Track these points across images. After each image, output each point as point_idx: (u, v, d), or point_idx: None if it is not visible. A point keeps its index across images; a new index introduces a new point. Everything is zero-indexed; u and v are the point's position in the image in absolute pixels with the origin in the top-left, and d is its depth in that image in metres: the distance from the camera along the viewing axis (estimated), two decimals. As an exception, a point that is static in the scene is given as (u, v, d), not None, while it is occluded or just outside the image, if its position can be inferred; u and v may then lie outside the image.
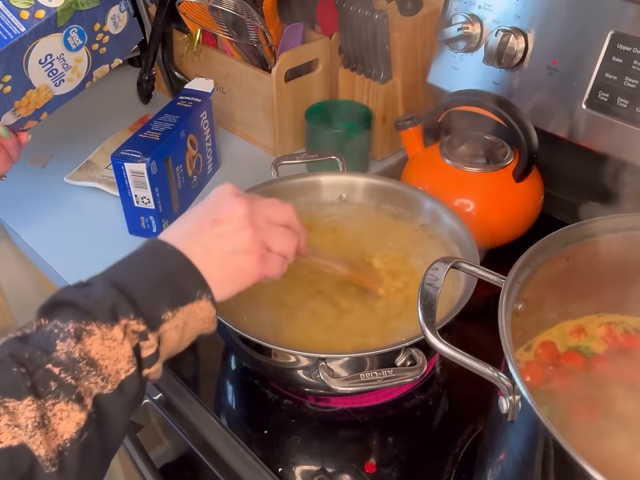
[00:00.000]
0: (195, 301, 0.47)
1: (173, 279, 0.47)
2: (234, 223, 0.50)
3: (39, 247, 0.90)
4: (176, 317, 0.46)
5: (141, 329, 0.44)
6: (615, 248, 0.54)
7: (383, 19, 0.89)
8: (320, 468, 0.62)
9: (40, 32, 0.68)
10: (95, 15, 0.71)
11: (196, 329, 0.49)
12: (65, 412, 0.40)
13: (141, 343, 0.44)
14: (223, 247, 0.49)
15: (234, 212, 0.50)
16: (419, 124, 0.87)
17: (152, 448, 0.78)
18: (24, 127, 0.75)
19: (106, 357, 0.42)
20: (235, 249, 0.50)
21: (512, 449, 0.45)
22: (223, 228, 0.50)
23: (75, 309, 0.43)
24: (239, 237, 0.50)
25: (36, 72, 0.71)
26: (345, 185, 0.80)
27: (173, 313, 0.46)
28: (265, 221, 0.52)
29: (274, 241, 0.52)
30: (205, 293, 0.48)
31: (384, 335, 0.64)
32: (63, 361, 0.41)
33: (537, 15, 0.81)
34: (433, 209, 0.75)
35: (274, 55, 0.99)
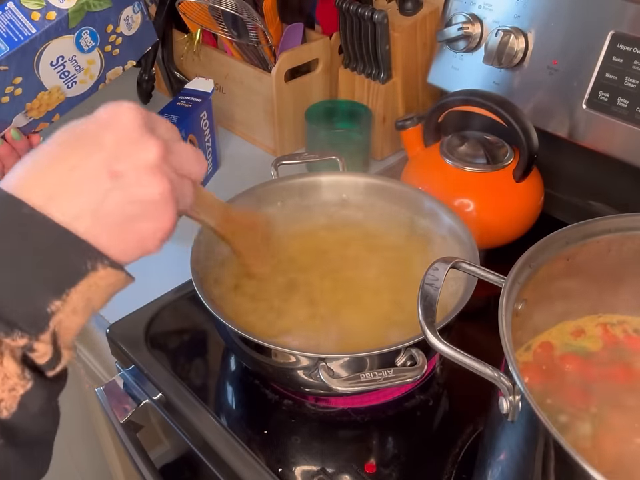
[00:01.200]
0: (88, 274, 0.37)
1: (47, 258, 0.36)
2: (141, 172, 0.38)
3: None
4: (70, 300, 0.37)
5: (22, 342, 0.35)
6: (615, 248, 0.54)
7: (383, 19, 0.89)
8: (320, 468, 0.62)
9: (51, 34, 0.67)
10: (108, 16, 0.71)
11: (107, 296, 0.39)
12: None
13: (30, 354, 0.36)
14: (123, 209, 0.38)
15: (144, 159, 0.38)
16: (419, 124, 0.87)
17: (152, 448, 0.78)
18: (36, 128, 0.75)
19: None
20: (142, 210, 0.38)
21: (512, 449, 0.45)
22: (129, 183, 0.37)
23: None
24: (148, 193, 0.38)
25: (47, 74, 0.70)
26: (345, 184, 0.80)
27: (61, 299, 0.36)
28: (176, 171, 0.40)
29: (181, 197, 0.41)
30: (98, 260, 0.37)
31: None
32: None
33: (537, 15, 0.81)
34: (433, 209, 0.75)
35: (274, 55, 0.99)
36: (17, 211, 0.35)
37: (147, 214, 0.39)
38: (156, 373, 0.71)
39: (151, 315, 0.76)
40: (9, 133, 0.72)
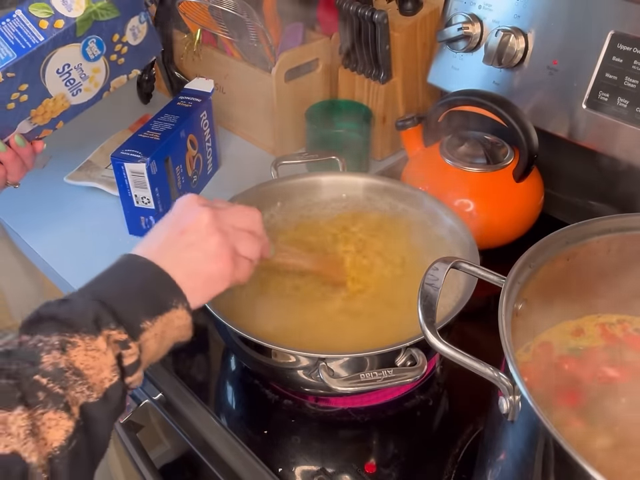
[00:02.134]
0: (171, 309, 0.49)
1: (150, 289, 0.49)
2: (201, 231, 0.52)
3: (38, 247, 0.90)
4: (155, 326, 0.48)
5: (123, 338, 0.46)
6: (615, 248, 0.54)
7: (382, 19, 0.89)
8: (320, 468, 0.62)
9: (58, 42, 0.68)
10: (115, 25, 0.71)
11: (173, 337, 0.51)
12: (54, 420, 0.41)
13: (123, 351, 0.46)
14: (193, 256, 0.52)
15: (200, 221, 0.52)
16: (419, 124, 0.87)
17: (152, 448, 0.78)
18: (39, 135, 0.75)
19: (90, 366, 0.44)
20: (205, 256, 0.52)
21: (512, 449, 0.45)
22: (191, 237, 0.52)
23: (58, 322, 0.45)
24: (208, 244, 0.52)
25: (53, 81, 0.70)
26: (345, 184, 0.80)
27: (151, 322, 0.48)
28: (230, 226, 0.54)
29: (240, 244, 0.54)
30: (180, 301, 0.50)
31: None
32: (50, 371, 0.42)
33: (537, 15, 0.81)
34: (433, 209, 0.75)
35: (274, 55, 0.99)
36: (141, 261, 0.51)
37: (209, 259, 0.52)
38: (156, 373, 0.71)
39: (151, 315, 0.76)
40: (13, 139, 0.72)
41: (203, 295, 0.52)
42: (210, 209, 0.53)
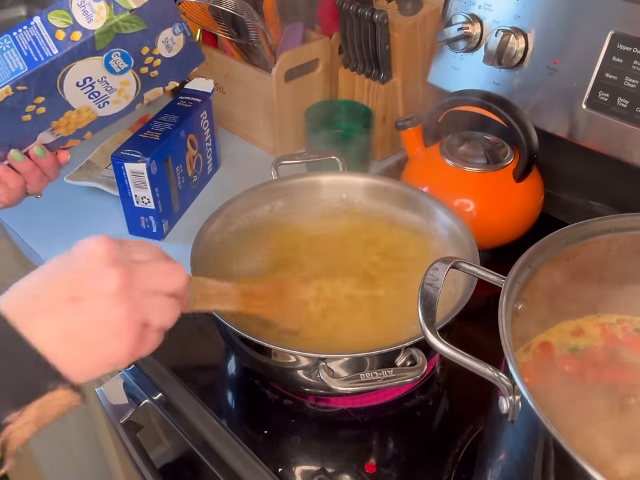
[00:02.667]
0: (47, 393, 0.40)
1: (16, 373, 0.40)
2: (102, 301, 0.41)
3: (38, 247, 0.90)
4: (24, 415, 0.40)
5: None
6: (615, 248, 0.54)
7: (383, 18, 0.89)
8: (320, 468, 0.62)
9: (75, 55, 0.65)
10: (142, 38, 0.67)
11: (56, 415, 0.42)
12: None
13: None
14: (84, 330, 0.41)
15: (105, 289, 0.42)
16: (418, 124, 0.87)
17: (152, 448, 0.78)
18: (65, 145, 0.73)
19: None
20: (103, 332, 0.42)
21: (512, 449, 0.45)
22: (88, 307, 0.41)
23: None
24: (109, 317, 0.42)
25: (74, 94, 0.68)
26: (345, 184, 0.80)
27: (18, 412, 0.40)
28: (144, 292, 0.43)
29: (153, 315, 0.44)
30: (59, 383, 0.41)
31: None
32: None
33: (537, 15, 0.81)
34: (433, 209, 0.75)
35: (274, 55, 0.99)
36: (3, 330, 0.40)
37: (107, 337, 0.42)
38: (156, 373, 0.71)
39: (151, 315, 0.76)
40: (32, 150, 0.70)
41: (90, 374, 0.43)
42: (121, 273, 0.42)
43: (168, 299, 0.45)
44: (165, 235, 0.90)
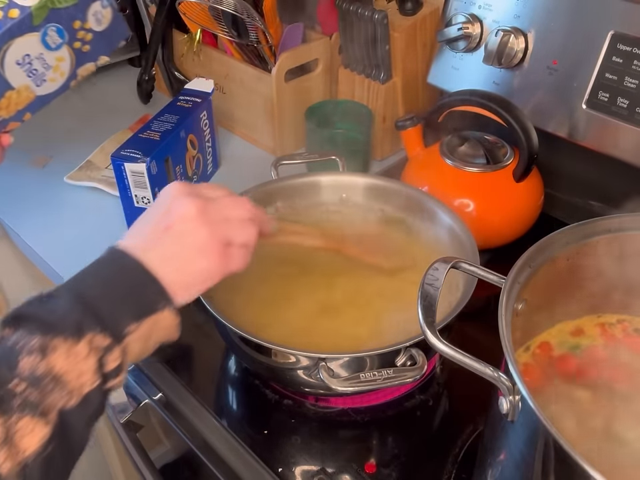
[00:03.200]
0: (157, 311, 0.48)
1: (137, 291, 0.48)
2: (187, 224, 0.50)
3: (38, 247, 0.90)
4: (140, 329, 0.47)
5: (106, 343, 0.45)
6: (615, 248, 0.54)
7: (382, 18, 0.89)
8: (320, 468, 0.62)
9: (14, 32, 0.66)
10: (74, 12, 0.69)
11: (159, 338, 0.50)
12: (29, 427, 0.40)
13: (106, 356, 0.45)
14: (180, 253, 0.50)
15: (186, 213, 0.50)
16: (418, 124, 0.87)
17: (152, 448, 0.77)
18: (5, 128, 0.72)
19: (70, 371, 0.42)
20: (193, 252, 0.50)
21: (512, 449, 0.45)
22: (178, 232, 0.50)
23: (40, 324, 0.43)
24: (195, 239, 0.50)
25: (14, 73, 0.68)
26: (345, 184, 0.80)
27: (137, 325, 0.47)
28: (220, 215, 0.52)
29: (232, 233, 0.52)
30: (167, 303, 0.48)
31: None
32: (27, 377, 0.41)
33: (537, 15, 0.81)
34: (433, 209, 0.75)
35: (274, 55, 0.99)
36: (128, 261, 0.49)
37: (197, 255, 0.50)
38: (156, 373, 0.71)
39: (151, 315, 0.76)
40: None
41: (191, 292, 0.51)
42: (197, 201, 0.51)
43: (243, 220, 0.53)
44: (165, 235, 0.90)
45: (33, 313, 0.44)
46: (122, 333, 0.46)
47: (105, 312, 0.45)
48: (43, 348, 0.42)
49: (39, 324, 0.43)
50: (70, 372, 0.42)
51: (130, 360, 0.47)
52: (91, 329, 0.44)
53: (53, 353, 0.42)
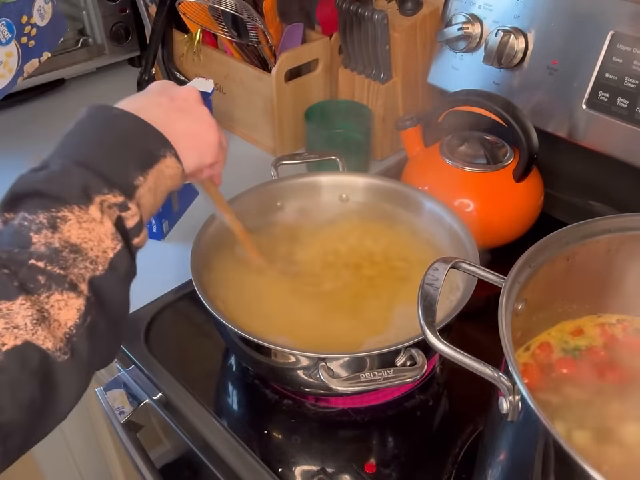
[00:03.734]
0: (160, 159, 0.47)
1: (134, 142, 0.46)
2: (191, 101, 0.53)
3: (39, 247, 0.90)
4: (148, 180, 0.46)
5: (120, 200, 0.43)
6: (615, 248, 0.54)
7: (382, 18, 0.89)
8: (320, 468, 0.62)
9: None
10: (22, 6, 0.69)
11: (166, 187, 0.49)
12: (62, 301, 0.39)
13: (123, 214, 0.44)
14: (185, 118, 0.51)
15: (189, 93, 0.53)
16: (418, 124, 0.87)
17: (152, 448, 0.77)
18: None
19: (88, 239, 0.41)
20: (199, 122, 0.53)
21: (512, 449, 0.45)
22: (182, 104, 0.52)
23: (41, 197, 0.41)
24: (199, 112, 0.53)
25: None
26: (345, 184, 0.80)
27: (144, 176, 0.46)
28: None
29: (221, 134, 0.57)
30: (168, 149, 0.48)
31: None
32: (44, 253, 0.39)
33: (537, 15, 0.81)
34: (433, 209, 0.75)
35: (274, 55, 0.99)
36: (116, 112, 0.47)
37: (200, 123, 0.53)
38: (156, 372, 0.71)
39: (151, 315, 0.76)
40: None
41: (194, 156, 0.51)
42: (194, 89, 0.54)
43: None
44: (165, 234, 0.90)
45: (31, 187, 0.42)
46: (132, 187, 0.45)
47: (108, 169, 0.43)
48: (51, 222, 0.40)
49: (40, 197, 0.41)
50: (88, 240, 0.41)
51: (145, 214, 0.46)
52: (98, 190, 0.42)
53: (63, 224, 0.40)
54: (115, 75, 1.28)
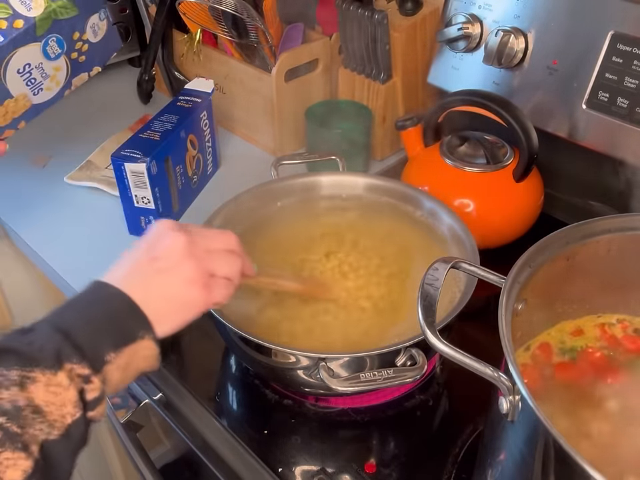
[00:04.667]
0: (137, 340, 0.48)
1: (116, 320, 0.47)
2: (173, 257, 0.51)
3: (39, 247, 0.90)
4: (119, 358, 0.46)
5: (85, 372, 0.44)
6: (615, 248, 0.54)
7: (383, 19, 0.89)
8: (320, 468, 0.62)
9: (18, 42, 0.67)
10: (75, 23, 0.71)
11: (138, 368, 0.49)
12: (11, 460, 0.39)
13: (85, 386, 0.44)
14: (164, 282, 0.50)
15: (172, 246, 0.51)
16: (418, 124, 0.87)
17: (152, 448, 0.78)
18: (1, 136, 0.73)
19: (51, 402, 0.42)
20: (177, 283, 0.50)
21: (512, 449, 0.45)
22: (162, 264, 0.50)
23: (18, 356, 0.43)
24: (180, 270, 0.50)
25: (14, 81, 0.70)
26: (345, 184, 0.80)
27: (116, 353, 0.46)
28: (205, 249, 0.52)
29: (217, 266, 0.53)
30: (147, 332, 0.48)
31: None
32: (8, 409, 0.40)
33: (537, 15, 0.81)
34: (433, 209, 0.75)
35: (274, 55, 0.99)
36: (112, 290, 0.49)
37: (181, 286, 0.51)
38: (156, 373, 0.71)
39: (151, 315, 0.76)
40: None
41: (173, 322, 0.51)
42: (184, 234, 0.52)
43: (227, 253, 0.54)
44: (165, 235, 0.90)
45: (12, 346, 0.43)
46: (101, 361, 0.45)
47: (83, 341, 0.45)
48: (22, 380, 0.41)
49: (17, 356, 0.43)
50: (51, 403, 0.42)
51: (109, 389, 0.47)
52: (69, 358, 0.43)
53: (32, 384, 0.42)
54: (115, 74, 1.28)
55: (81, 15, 0.71)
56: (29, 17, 0.67)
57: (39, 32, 0.68)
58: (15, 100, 0.71)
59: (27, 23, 0.67)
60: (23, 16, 0.67)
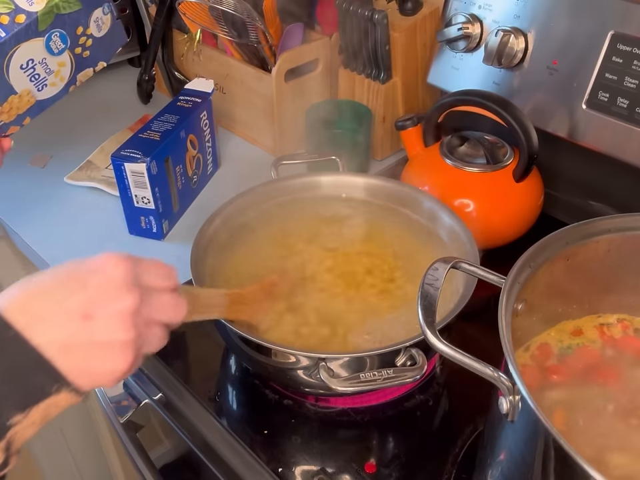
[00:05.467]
0: (51, 395, 0.40)
1: (20, 375, 0.39)
2: (113, 324, 0.42)
3: (39, 247, 0.90)
4: (30, 417, 0.40)
5: None
6: (615, 248, 0.54)
7: (383, 19, 0.89)
8: (320, 468, 0.62)
9: (21, 37, 0.67)
10: (78, 18, 0.70)
11: (61, 410, 0.42)
12: None
13: None
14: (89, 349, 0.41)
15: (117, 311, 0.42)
16: (418, 124, 0.87)
17: (152, 448, 0.78)
18: (6, 132, 0.73)
19: None
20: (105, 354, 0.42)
21: (512, 449, 0.45)
22: (97, 326, 0.41)
23: None
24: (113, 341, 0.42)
25: (17, 77, 0.69)
26: (345, 184, 0.80)
27: (24, 414, 0.40)
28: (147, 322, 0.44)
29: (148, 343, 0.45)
30: (61, 385, 0.41)
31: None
32: None
33: (537, 15, 0.81)
34: (433, 209, 0.75)
35: (274, 55, 0.99)
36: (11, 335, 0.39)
37: (106, 356, 0.42)
38: (156, 373, 0.71)
39: (151, 315, 0.76)
40: None
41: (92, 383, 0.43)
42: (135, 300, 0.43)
43: (163, 329, 0.46)
44: (164, 235, 0.90)
45: None
46: (3, 427, 0.39)
47: None
48: None
49: None
50: None
51: (21, 442, 0.41)
52: None
53: None
54: (115, 74, 1.28)
55: (84, 9, 0.70)
56: (31, 12, 0.66)
57: (42, 27, 0.67)
58: (18, 96, 0.70)
59: (28, 18, 0.66)
60: (25, 10, 0.66)
